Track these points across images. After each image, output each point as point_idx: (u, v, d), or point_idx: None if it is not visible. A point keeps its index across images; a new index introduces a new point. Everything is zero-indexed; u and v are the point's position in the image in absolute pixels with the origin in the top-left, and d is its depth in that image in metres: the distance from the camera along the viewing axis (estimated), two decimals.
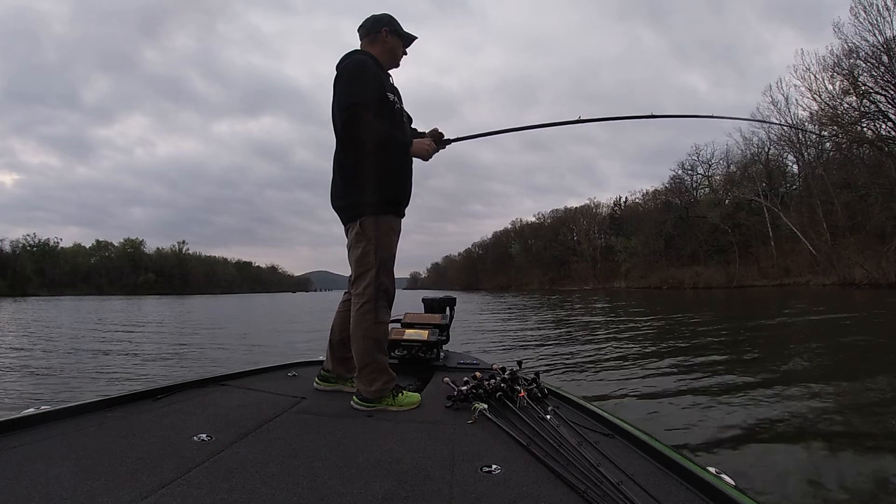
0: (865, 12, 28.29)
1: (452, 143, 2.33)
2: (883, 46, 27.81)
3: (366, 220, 2.02)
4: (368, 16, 2.21)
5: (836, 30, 29.74)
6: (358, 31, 2.21)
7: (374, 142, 1.99)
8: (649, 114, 2.56)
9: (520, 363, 2.27)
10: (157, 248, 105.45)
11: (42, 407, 1.60)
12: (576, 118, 2.44)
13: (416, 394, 2.03)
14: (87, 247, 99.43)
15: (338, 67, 2.08)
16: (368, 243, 2.01)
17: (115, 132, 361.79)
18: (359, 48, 2.19)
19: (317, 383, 2.22)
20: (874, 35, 28.17)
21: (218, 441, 1.47)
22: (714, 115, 2.75)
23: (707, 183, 47.62)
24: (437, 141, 2.19)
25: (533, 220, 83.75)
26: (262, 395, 2.07)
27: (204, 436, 1.49)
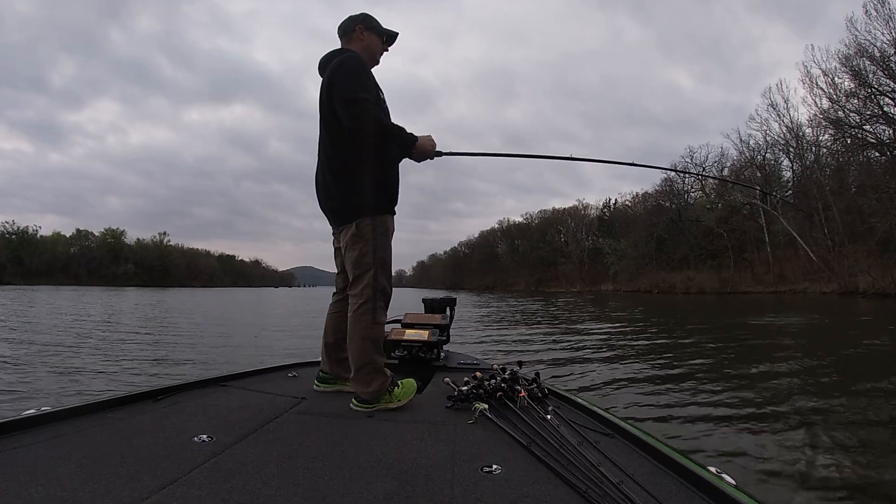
0: (878, 9, 27.36)
1: (444, 156, 2.26)
2: (894, 45, 27.01)
3: (363, 222, 2.00)
4: (346, 17, 2.21)
5: (849, 24, 28.67)
6: (337, 31, 2.22)
7: (382, 138, 1.98)
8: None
9: (520, 363, 2.29)
10: (138, 239, 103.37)
11: (42, 408, 1.59)
12: (566, 154, 2.69)
13: (411, 379, 2.05)
14: (68, 236, 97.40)
15: (330, 65, 2.06)
16: (366, 245, 2.00)
17: (84, 117, 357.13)
18: (340, 48, 2.19)
19: (316, 385, 2.21)
20: (888, 33, 27.05)
21: (219, 442, 1.46)
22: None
23: (700, 186, 47.25)
24: (432, 152, 2.17)
25: (520, 220, 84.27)
26: (263, 395, 2.06)
27: (205, 436, 1.49)
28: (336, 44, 2.22)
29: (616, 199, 65.73)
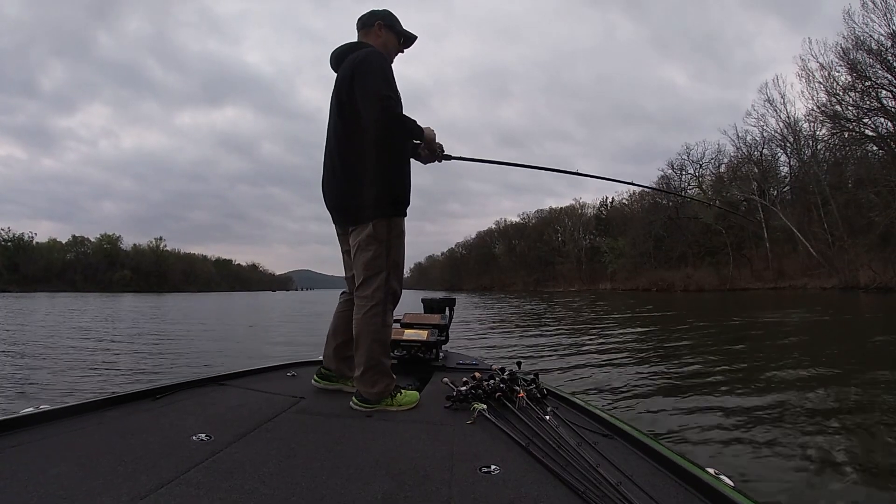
0: (875, 1, 27.00)
1: (452, 160, 2.30)
2: (891, 37, 26.68)
3: (379, 223, 1.98)
4: (367, 11, 2.21)
5: (846, 17, 28.35)
6: (356, 24, 2.20)
7: (402, 135, 1.98)
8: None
9: (519, 364, 2.29)
10: (134, 245, 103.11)
11: (41, 406, 1.58)
12: (573, 169, 2.68)
13: (415, 392, 2.04)
14: (64, 242, 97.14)
15: (351, 58, 2.04)
16: (380, 246, 1.98)
17: (76, 122, 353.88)
18: (357, 41, 2.17)
19: (316, 381, 2.19)
20: (884, 26, 26.86)
21: (217, 441, 1.46)
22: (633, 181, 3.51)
23: (697, 183, 47.25)
24: (439, 153, 2.20)
25: (517, 220, 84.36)
26: (261, 394, 2.06)
27: (203, 435, 1.48)
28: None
29: (613, 198, 65.74)
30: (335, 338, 2.19)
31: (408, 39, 2.24)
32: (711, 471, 1.22)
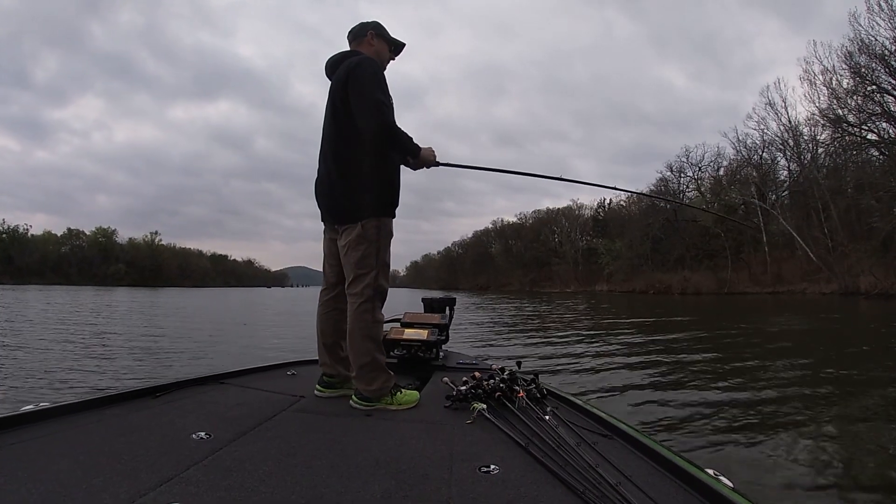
0: (881, 5, 26.76)
1: (441, 167, 2.31)
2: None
3: (368, 223, 2.01)
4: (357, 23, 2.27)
5: (852, 19, 28.13)
6: (347, 36, 2.26)
7: (393, 143, 2.01)
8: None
9: (519, 363, 2.30)
10: (130, 239, 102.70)
11: (41, 404, 1.58)
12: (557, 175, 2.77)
13: (415, 392, 2.04)
14: (59, 235, 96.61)
15: (346, 64, 2.07)
16: (370, 246, 2.01)
17: (69, 114, 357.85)
18: (350, 50, 2.21)
19: (319, 391, 2.14)
20: (890, 29, 26.63)
21: (217, 439, 1.46)
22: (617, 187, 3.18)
23: (696, 186, 46.98)
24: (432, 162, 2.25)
25: (514, 220, 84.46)
26: (261, 393, 2.06)
27: (203, 434, 1.48)
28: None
29: (610, 200, 65.69)
30: (324, 339, 2.20)
31: (397, 47, 2.30)
32: (710, 471, 1.23)
